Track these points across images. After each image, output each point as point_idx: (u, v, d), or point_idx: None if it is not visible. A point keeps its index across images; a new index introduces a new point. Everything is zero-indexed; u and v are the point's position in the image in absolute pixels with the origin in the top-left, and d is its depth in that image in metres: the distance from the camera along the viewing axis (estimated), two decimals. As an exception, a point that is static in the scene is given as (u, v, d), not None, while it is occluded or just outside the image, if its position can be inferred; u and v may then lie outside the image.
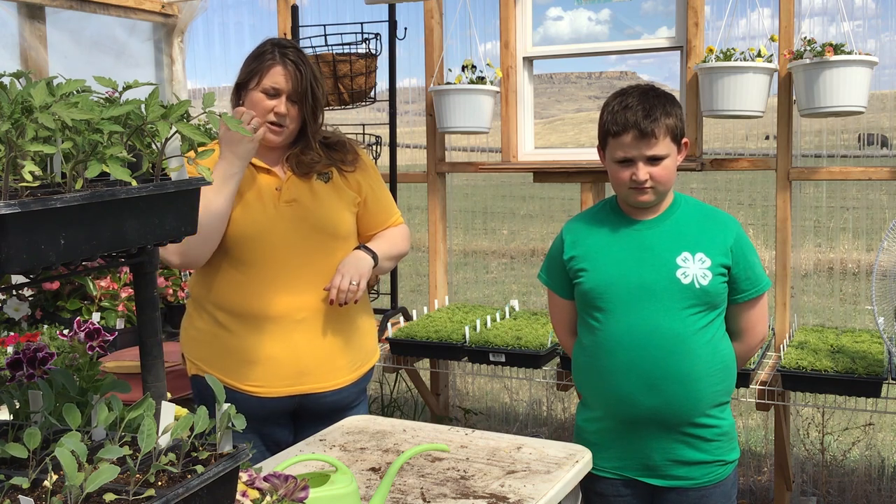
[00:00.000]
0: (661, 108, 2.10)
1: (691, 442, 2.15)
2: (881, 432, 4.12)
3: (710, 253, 2.12)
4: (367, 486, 1.82)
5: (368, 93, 3.67)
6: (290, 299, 2.25)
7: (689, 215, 2.19)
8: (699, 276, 2.10)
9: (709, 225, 2.17)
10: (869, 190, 3.87)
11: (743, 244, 2.16)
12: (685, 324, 2.11)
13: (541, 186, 4.05)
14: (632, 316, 2.14)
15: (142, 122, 1.16)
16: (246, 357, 2.24)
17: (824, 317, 4.12)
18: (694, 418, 2.14)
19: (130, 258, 1.25)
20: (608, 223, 2.23)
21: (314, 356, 2.29)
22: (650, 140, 2.09)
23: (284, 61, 2.21)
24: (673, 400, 2.12)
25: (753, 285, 2.17)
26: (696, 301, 2.11)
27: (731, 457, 2.22)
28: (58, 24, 4.00)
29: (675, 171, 2.16)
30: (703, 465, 2.16)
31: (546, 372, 3.35)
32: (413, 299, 5.52)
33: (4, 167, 1.01)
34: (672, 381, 2.11)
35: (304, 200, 2.28)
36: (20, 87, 1.08)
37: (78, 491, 0.97)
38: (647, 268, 2.14)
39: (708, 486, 2.17)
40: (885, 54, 3.34)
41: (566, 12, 3.89)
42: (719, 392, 2.17)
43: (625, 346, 2.14)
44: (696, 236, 2.15)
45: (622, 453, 2.21)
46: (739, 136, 4.08)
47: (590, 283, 2.19)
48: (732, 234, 2.16)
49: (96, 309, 3.25)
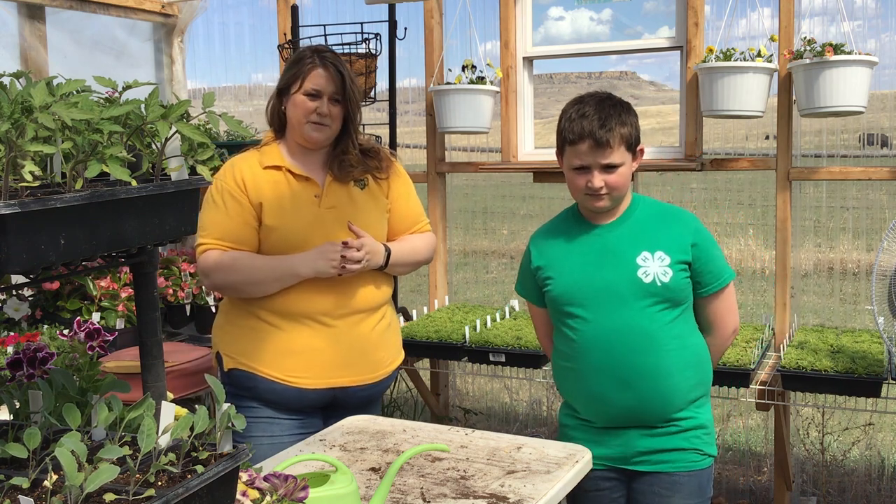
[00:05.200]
0: (617, 118, 2.15)
1: (665, 435, 2.19)
2: (881, 432, 4.12)
3: (668, 250, 2.16)
4: (367, 486, 1.82)
5: (368, 93, 3.67)
6: (332, 298, 2.33)
7: (647, 215, 2.24)
8: (659, 273, 2.15)
9: (666, 223, 2.21)
10: (869, 190, 3.86)
11: (702, 239, 2.19)
12: (652, 321, 2.15)
13: (541, 186, 4.05)
14: (600, 318, 2.19)
15: (142, 122, 1.16)
16: (289, 348, 2.32)
17: (824, 317, 4.12)
18: (670, 414, 2.17)
19: (130, 258, 1.25)
20: (570, 230, 2.29)
21: (354, 351, 2.36)
22: (605, 149, 2.13)
23: (325, 64, 2.33)
24: (647, 397, 2.16)
25: (716, 278, 2.20)
26: (659, 298, 2.15)
27: (708, 450, 2.23)
28: (58, 24, 4.00)
29: (629, 177, 2.21)
30: (678, 452, 2.19)
31: (546, 372, 3.35)
32: (413, 299, 5.52)
33: (4, 167, 1.01)
34: (644, 378, 2.15)
35: (343, 206, 2.38)
36: (20, 87, 1.08)
37: (78, 491, 0.97)
38: (609, 270, 2.19)
39: (682, 473, 2.19)
40: (885, 54, 3.34)
41: (567, 12, 3.88)
42: (694, 386, 2.19)
43: (596, 348, 2.19)
44: (654, 235, 2.19)
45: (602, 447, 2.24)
46: (739, 136, 4.08)
47: (557, 289, 2.25)
48: (690, 230, 2.19)
49: (96, 309, 3.25)
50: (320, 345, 2.32)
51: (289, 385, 2.32)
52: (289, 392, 2.33)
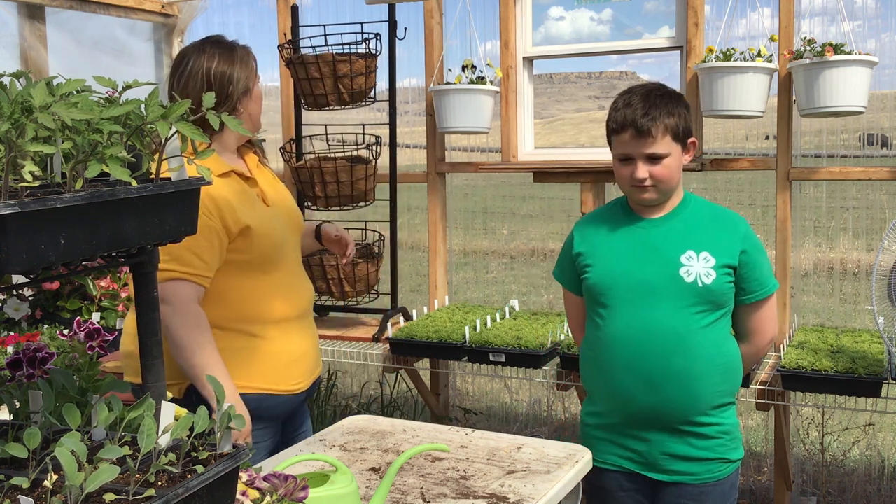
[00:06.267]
0: (663, 107, 2.11)
1: (691, 440, 2.15)
2: (881, 432, 4.12)
3: (715, 252, 2.12)
4: (367, 486, 1.82)
5: (368, 93, 3.67)
6: (302, 293, 2.35)
7: (697, 215, 2.19)
8: (703, 274, 2.10)
9: (717, 224, 2.17)
10: (869, 190, 3.86)
11: (752, 246, 2.16)
12: (686, 322, 2.11)
13: (541, 186, 4.05)
14: (633, 313, 2.15)
15: (142, 122, 1.16)
16: (287, 359, 2.27)
17: (824, 317, 4.11)
18: (693, 417, 2.14)
19: (130, 258, 1.25)
20: (617, 220, 2.26)
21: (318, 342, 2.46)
22: (647, 138, 2.10)
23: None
24: (672, 398, 2.12)
25: (761, 286, 2.17)
26: (698, 300, 2.10)
27: (734, 456, 2.21)
28: (58, 24, 4.00)
29: (677, 171, 2.17)
30: (703, 462, 2.16)
31: (546, 372, 3.35)
32: (413, 299, 5.52)
33: (4, 167, 1.01)
34: (671, 379, 2.11)
35: (273, 195, 2.37)
36: (20, 87, 1.08)
37: (78, 491, 0.97)
38: (650, 265, 2.15)
39: (707, 484, 2.16)
40: (885, 54, 3.34)
41: (567, 12, 3.88)
42: (721, 393, 2.16)
43: (625, 343, 2.15)
44: (702, 235, 2.15)
45: (624, 447, 2.22)
46: (739, 136, 4.07)
47: (594, 278, 2.22)
48: (740, 234, 2.15)
49: (96, 309, 3.25)
50: (306, 345, 2.34)
51: (292, 394, 2.29)
52: (292, 400, 2.30)
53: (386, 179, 3.87)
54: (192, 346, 2.05)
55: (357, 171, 3.64)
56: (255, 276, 2.22)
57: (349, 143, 3.85)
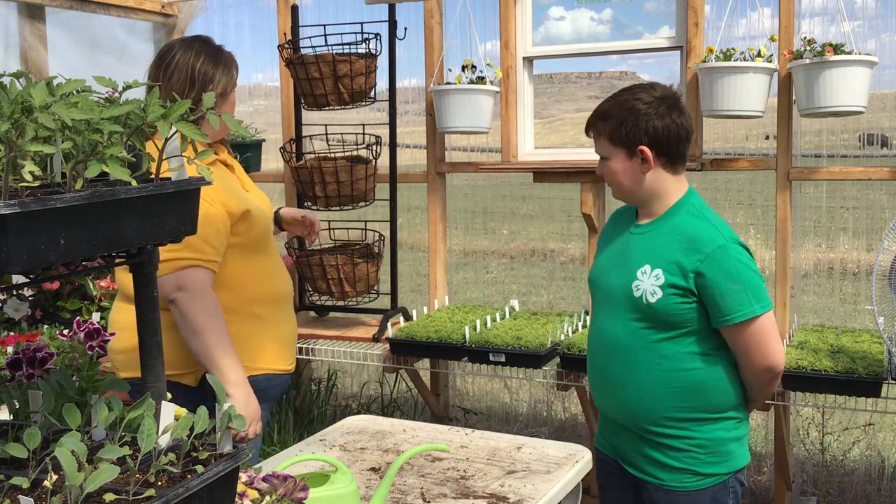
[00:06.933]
0: (610, 110, 2.12)
1: (660, 447, 2.12)
2: (881, 432, 4.12)
3: (667, 271, 2.05)
4: (367, 486, 1.82)
5: (368, 93, 3.67)
6: (287, 276, 2.46)
7: (677, 229, 2.11)
8: (648, 292, 2.07)
9: (683, 243, 2.07)
10: (869, 190, 3.86)
11: (713, 270, 2.02)
12: (634, 336, 2.10)
13: (541, 186, 4.05)
14: (599, 317, 2.23)
15: (142, 122, 1.16)
16: (285, 337, 2.39)
17: (824, 317, 4.11)
18: (649, 426, 2.12)
19: (130, 258, 1.25)
20: (624, 221, 2.28)
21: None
22: (592, 138, 2.19)
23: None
24: (625, 405, 2.15)
25: (724, 314, 2.03)
26: (642, 316, 2.08)
27: (710, 471, 2.11)
28: (58, 24, 4.01)
29: (625, 176, 2.14)
30: (671, 470, 2.12)
31: (546, 372, 3.35)
32: (413, 299, 5.52)
33: (4, 167, 1.01)
34: (619, 387, 2.15)
35: (248, 184, 2.44)
36: (20, 87, 1.08)
37: (78, 491, 0.97)
38: (616, 274, 2.17)
39: (679, 492, 2.12)
40: (885, 54, 3.34)
41: (568, 12, 3.88)
42: (683, 408, 2.09)
43: (591, 345, 2.26)
44: (664, 252, 2.09)
45: (612, 437, 2.27)
46: (739, 136, 4.07)
47: (589, 275, 2.32)
48: (701, 256, 2.03)
49: (96, 309, 3.25)
50: (295, 325, 2.48)
51: (289, 373, 2.42)
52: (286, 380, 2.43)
53: (386, 179, 3.87)
54: (209, 331, 2.11)
55: (357, 171, 3.64)
56: (254, 257, 2.31)
57: (349, 143, 3.85)
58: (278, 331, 2.35)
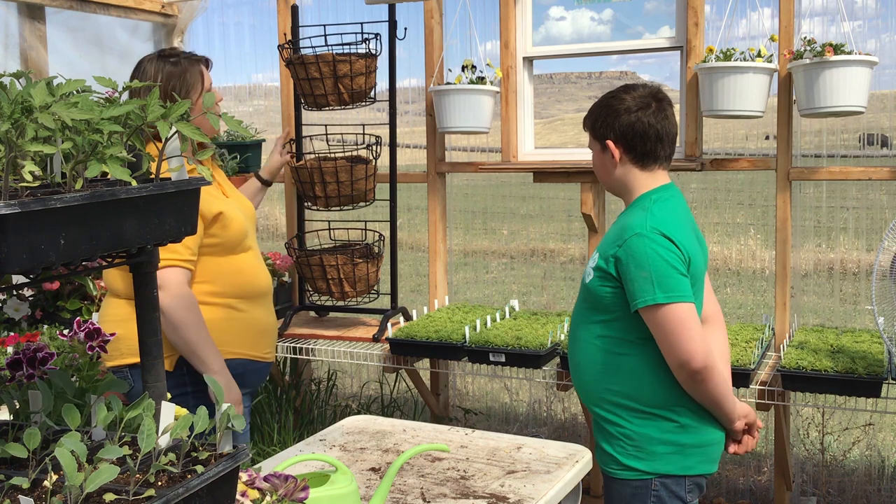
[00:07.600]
0: (593, 107, 2.30)
1: (599, 428, 2.23)
2: (881, 432, 4.12)
3: (601, 256, 2.20)
4: (367, 486, 1.82)
5: (368, 93, 3.67)
6: (265, 275, 2.61)
7: (621, 219, 2.26)
8: (588, 274, 2.24)
9: (615, 231, 2.21)
10: (869, 190, 3.87)
11: (626, 255, 2.09)
12: (580, 315, 2.27)
13: (541, 186, 4.05)
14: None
15: (142, 122, 1.16)
16: (261, 328, 2.56)
17: (824, 317, 4.12)
18: (592, 406, 2.23)
19: (130, 258, 1.25)
20: None
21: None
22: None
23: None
24: (577, 383, 2.29)
25: (632, 299, 2.09)
26: (585, 296, 2.24)
27: (629, 463, 2.13)
28: (58, 24, 4.00)
29: (602, 168, 2.30)
30: (603, 453, 2.22)
31: (546, 372, 3.35)
32: (413, 299, 5.52)
33: (4, 167, 1.01)
34: (573, 366, 2.29)
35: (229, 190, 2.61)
36: (20, 87, 1.08)
37: (78, 491, 0.97)
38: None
39: (610, 477, 2.21)
40: (885, 54, 3.34)
41: (568, 12, 3.88)
42: (613, 392, 2.15)
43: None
44: (606, 239, 2.25)
45: None
46: (739, 136, 4.08)
47: None
48: (620, 242, 2.11)
49: (96, 309, 3.25)
50: (271, 320, 2.63)
51: (265, 362, 2.58)
52: (266, 368, 2.60)
53: (386, 179, 3.87)
54: (186, 325, 2.32)
55: (357, 171, 3.64)
56: (230, 257, 2.48)
57: (349, 143, 3.85)
58: (254, 321, 2.53)
